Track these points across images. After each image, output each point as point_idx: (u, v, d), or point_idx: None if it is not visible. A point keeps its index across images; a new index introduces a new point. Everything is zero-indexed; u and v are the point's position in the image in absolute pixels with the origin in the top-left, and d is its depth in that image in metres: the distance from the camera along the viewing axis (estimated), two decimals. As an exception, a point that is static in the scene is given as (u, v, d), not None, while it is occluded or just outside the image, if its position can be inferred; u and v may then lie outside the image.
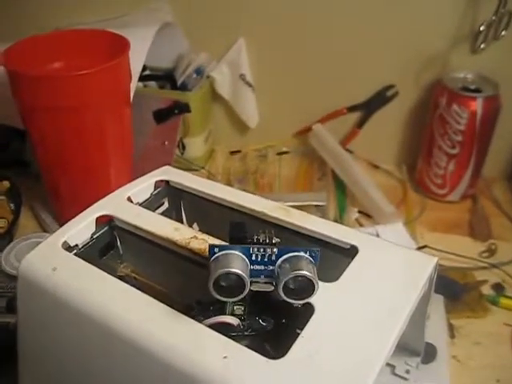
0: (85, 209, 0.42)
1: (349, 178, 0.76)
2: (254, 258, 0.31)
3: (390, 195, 0.75)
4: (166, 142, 0.75)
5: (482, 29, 0.65)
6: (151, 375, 0.33)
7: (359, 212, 0.74)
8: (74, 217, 0.41)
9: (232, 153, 0.86)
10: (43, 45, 0.63)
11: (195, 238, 0.39)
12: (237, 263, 0.30)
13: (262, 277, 0.32)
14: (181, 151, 0.81)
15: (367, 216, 0.73)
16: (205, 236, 0.39)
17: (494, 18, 0.64)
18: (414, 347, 0.47)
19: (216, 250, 0.31)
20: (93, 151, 0.62)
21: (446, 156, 0.74)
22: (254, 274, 0.32)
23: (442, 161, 0.75)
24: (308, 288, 0.30)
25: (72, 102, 0.57)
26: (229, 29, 0.77)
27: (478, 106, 0.69)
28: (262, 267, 0.32)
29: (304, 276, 0.30)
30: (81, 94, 0.57)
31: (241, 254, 0.31)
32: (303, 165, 0.84)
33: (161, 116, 0.75)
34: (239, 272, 0.30)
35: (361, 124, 0.82)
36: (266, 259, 0.31)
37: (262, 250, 0.31)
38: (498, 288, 0.63)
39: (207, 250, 0.38)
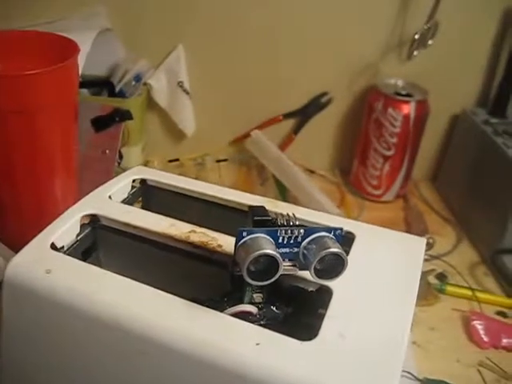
0: (33, 225, 0.38)
1: (292, 182, 0.77)
2: (280, 240, 0.31)
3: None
4: (107, 151, 0.72)
5: (416, 37, 0.70)
6: (177, 374, 0.31)
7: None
8: (20, 234, 0.37)
9: (170, 161, 0.85)
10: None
11: (193, 231, 0.38)
12: (267, 246, 0.30)
13: (287, 260, 0.32)
14: (118, 161, 0.78)
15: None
16: (203, 229, 0.38)
17: (425, 27, 0.69)
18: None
19: (245, 233, 0.30)
20: (40, 161, 0.57)
21: (381, 158, 0.78)
22: (280, 257, 0.31)
23: (378, 162, 0.79)
24: (338, 265, 0.31)
25: (17, 106, 0.53)
26: (168, 35, 0.76)
27: (411, 109, 0.74)
28: (288, 250, 0.32)
29: (334, 254, 0.30)
30: (27, 96, 0.53)
31: (268, 237, 0.31)
32: (242, 171, 0.85)
33: (100, 124, 0.72)
34: (274, 253, 0.29)
35: (296, 130, 0.85)
36: (291, 241, 0.31)
37: (289, 231, 0.31)
38: (442, 277, 0.67)
39: (209, 242, 0.37)
